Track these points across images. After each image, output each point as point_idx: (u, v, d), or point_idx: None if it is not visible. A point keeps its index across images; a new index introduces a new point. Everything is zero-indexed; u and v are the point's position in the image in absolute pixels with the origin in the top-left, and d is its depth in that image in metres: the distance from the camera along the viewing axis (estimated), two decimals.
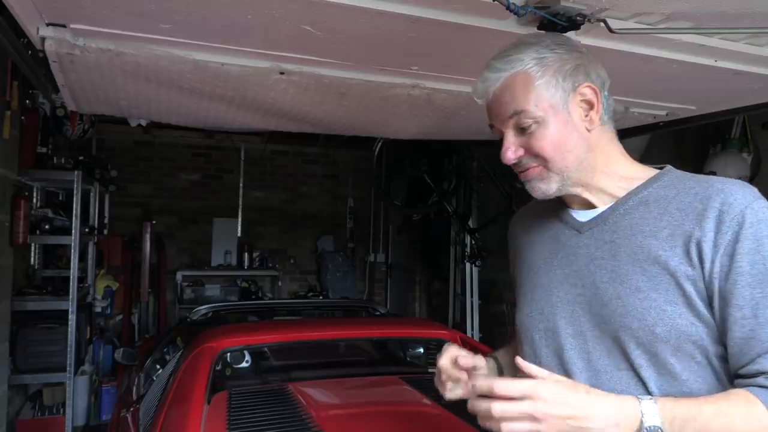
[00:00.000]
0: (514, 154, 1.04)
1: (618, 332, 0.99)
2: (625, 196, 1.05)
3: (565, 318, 1.06)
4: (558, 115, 1.01)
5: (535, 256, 1.16)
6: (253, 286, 6.13)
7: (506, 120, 1.03)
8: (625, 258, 1.00)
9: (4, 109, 2.94)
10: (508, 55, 1.03)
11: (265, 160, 6.43)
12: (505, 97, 1.02)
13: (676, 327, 0.94)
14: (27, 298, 3.61)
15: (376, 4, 1.31)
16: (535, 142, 1.02)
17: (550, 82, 1.01)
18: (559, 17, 1.30)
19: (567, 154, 1.02)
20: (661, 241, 0.97)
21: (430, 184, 5.27)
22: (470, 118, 2.45)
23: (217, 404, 2.07)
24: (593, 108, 1.04)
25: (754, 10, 1.35)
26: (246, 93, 2.09)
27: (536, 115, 1.01)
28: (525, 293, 1.16)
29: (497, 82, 1.03)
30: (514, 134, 1.04)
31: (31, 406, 3.93)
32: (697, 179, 1.01)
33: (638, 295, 0.97)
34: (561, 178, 1.04)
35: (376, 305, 4.07)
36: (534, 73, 1.01)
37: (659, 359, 0.95)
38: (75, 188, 3.65)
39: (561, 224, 1.13)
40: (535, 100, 1.00)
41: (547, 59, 1.02)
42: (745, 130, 3.08)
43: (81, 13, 1.43)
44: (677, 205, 0.98)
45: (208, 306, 3.65)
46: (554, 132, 1.01)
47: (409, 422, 2.01)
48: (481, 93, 1.06)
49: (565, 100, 1.02)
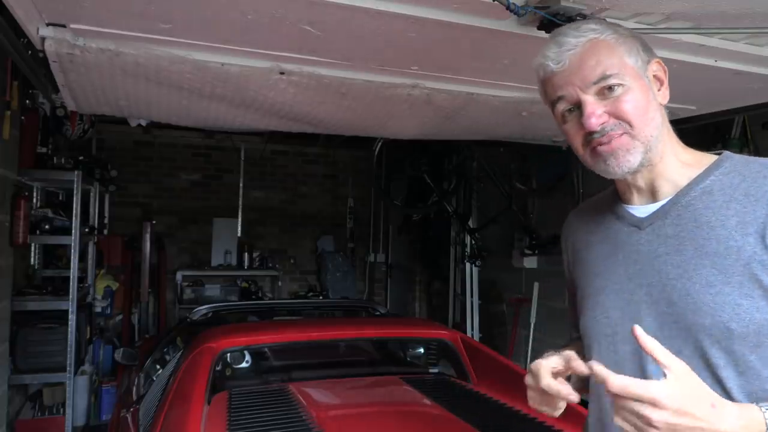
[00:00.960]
0: (598, 119, 0.97)
1: (690, 331, 0.93)
2: (686, 187, 1.00)
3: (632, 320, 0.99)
4: (641, 81, 0.99)
5: (595, 258, 1.11)
6: (253, 286, 6.13)
7: (589, 85, 0.98)
8: (691, 252, 0.95)
9: (4, 109, 2.93)
10: (579, 27, 1.01)
11: (265, 160, 6.43)
12: (590, 61, 0.97)
13: (754, 321, 0.89)
14: (27, 298, 3.61)
15: (376, 4, 1.31)
16: (621, 105, 0.97)
17: (631, 49, 1.00)
18: (559, 17, 1.30)
19: (650, 121, 0.98)
20: (730, 231, 0.92)
21: (430, 184, 5.27)
22: (470, 118, 2.45)
23: (217, 404, 2.07)
24: (663, 84, 1.03)
25: (754, 10, 1.35)
26: (246, 93, 2.09)
27: (624, 78, 0.97)
28: (588, 296, 1.10)
29: (576, 48, 0.98)
30: (596, 100, 0.98)
31: (31, 406, 3.93)
32: (762, 162, 0.97)
33: (709, 290, 0.92)
34: (645, 148, 0.98)
35: (376, 305, 4.07)
36: (614, 41, 0.99)
37: (737, 357, 0.90)
38: (75, 188, 3.65)
39: (618, 222, 1.08)
40: (621, 64, 0.98)
41: (620, 31, 1.02)
42: (745, 130, 3.07)
43: (81, 13, 1.43)
44: (744, 191, 0.93)
45: (208, 306, 3.64)
46: (639, 96, 0.98)
47: (410, 422, 2.01)
48: (556, 59, 0.99)
49: (644, 69, 1.01)
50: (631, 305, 1.01)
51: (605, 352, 1.03)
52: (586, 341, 1.10)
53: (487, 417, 1.96)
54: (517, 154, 4.44)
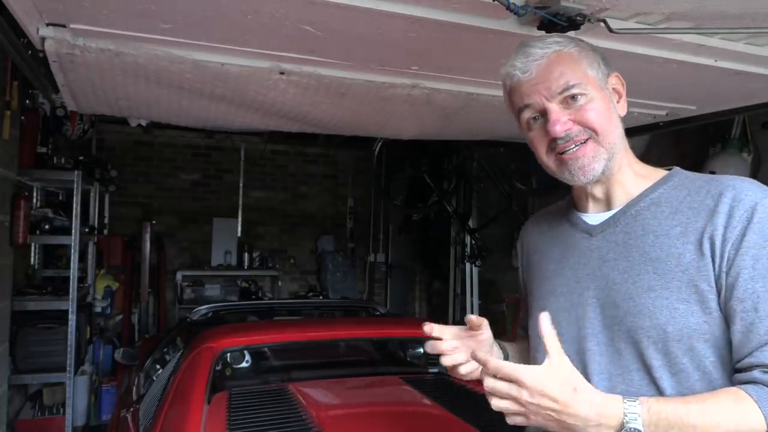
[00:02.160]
0: (563, 126, 1.01)
1: (630, 332, 0.99)
2: (637, 197, 1.06)
3: (579, 321, 1.06)
4: (603, 92, 1.05)
5: (548, 263, 1.17)
6: (253, 286, 6.13)
7: (554, 94, 1.02)
8: (637, 258, 1.01)
9: (4, 109, 2.93)
10: (544, 40, 1.05)
11: (265, 160, 6.43)
12: (554, 71, 1.02)
13: (687, 326, 0.94)
14: (27, 298, 3.61)
15: (376, 4, 1.31)
16: (585, 114, 1.01)
17: (592, 62, 1.05)
18: (559, 17, 1.30)
19: (614, 129, 1.04)
20: (672, 239, 0.98)
21: (430, 184, 5.27)
22: (470, 118, 2.45)
23: (217, 404, 2.06)
24: (622, 97, 1.08)
25: (754, 10, 1.35)
26: (246, 93, 2.09)
27: (586, 88, 1.02)
28: (537, 299, 1.16)
29: (542, 59, 1.02)
30: (561, 108, 1.02)
31: (31, 406, 3.93)
32: (706, 179, 1.02)
33: (650, 294, 0.97)
34: (608, 155, 1.03)
35: (376, 305, 4.07)
36: (576, 54, 1.04)
37: (672, 358, 0.95)
38: (75, 188, 3.65)
39: (571, 229, 1.14)
40: (584, 75, 1.03)
41: (582, 44, 1.07)
42: (745, 130, 3.07)
43: (81, 13, 1.43)
44: (689, 204, 0.99)
45: (208, 306, 3.65)
46: (602, 106, 1.03)
47: (409, 422, 2.01)
48: (523, 68, 1.03)
49: (604, 81, 1.06)
50: (577, 307, 1.07)
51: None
52: (532, 343, 1.16)
53: (487, 417, 1.96)
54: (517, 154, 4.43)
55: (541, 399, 0.85)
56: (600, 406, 0.86)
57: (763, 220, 0.92)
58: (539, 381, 0.85)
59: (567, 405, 0.85)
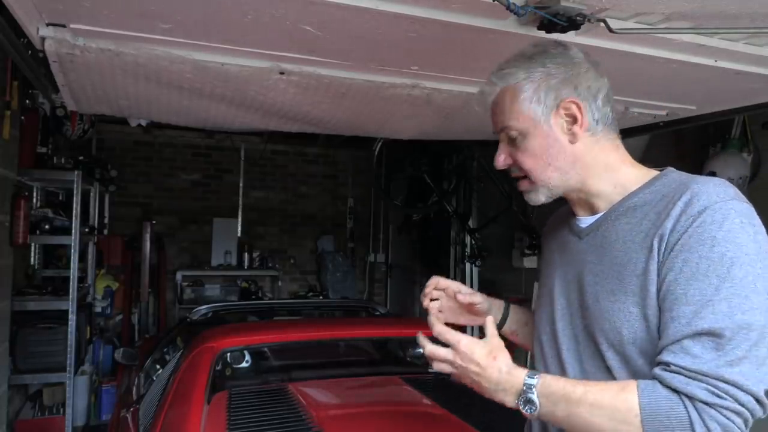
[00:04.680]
0: (503, 162, 1.14)
1: (593, 333, 1.03)
2: (618, 202, 1.07)
3: (563, 321, 1.12)
4: (538, 128, 1.07)
5: (551, 263, 1.23)
6: (253, 286, 6.13)
7: (498, 131, 1.13)
8: (607, 262, 1.04)
9: (4, 109, 2.93)
10: (503, 69, 1.10)
11: (265, 160, 6.43)
12: (497, 110, 1.12)
13: (641, 328, 0.96)
14: (27, 298, 3.61)
15: (376, 4, 1.31)
16: (518, 154, 1.10)
17: (532, 97, 1.07)
18: (559, 17, 1.30)
19: (546, 167, 1.08)
20: (636, 245, 1.00)
21: (430, 184, 5.27)
22: (470, 118, 2.45)
23: (217, 404, 2.07)
24: (577, 122, 1.06)
25: (754, 10, 1.35)
26: (246, 93, 2.09)
27: (518, 127, 1.08)
28: (539, 296, 1.24)
29: (491, 96, 1.12)
30: (505, 144, 1.13)
31: (31, 406, 3.93)
32: (683, 181, 1.01)
33: (611, 297, 1.01)
34: (546, 189, 1.10)
35: (376, 305, 4.07)
36: (520, 88, 1.07)
37: (628, 360, 0.98)
38: (75, 188, 3.65)
39: (568, 231, 1.18)
40: (518, 113, 1.08)
41: (535, 74, 1.07)
42: (745, 130, 3.07)
43: (81, 13, 1.43)
44: (657, 209, 1.00)
45: (208, 306, 3.65)
46: (534, 145, 1.08)
47: (409, 422, 2.01)
48: (481, 103, 1.14)
49: (546, 115, 1.07)
50: (565, 308, 1.13)
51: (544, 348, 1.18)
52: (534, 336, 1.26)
53: (487, 417, 1.96)
54: None
55: (469, 363, 1.01)
56: (507, 374, 0.99)
57: (706, 224, 0.91)
58: (470, 348, 1.01)
59: (484, 369, 1.00)
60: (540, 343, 1.19)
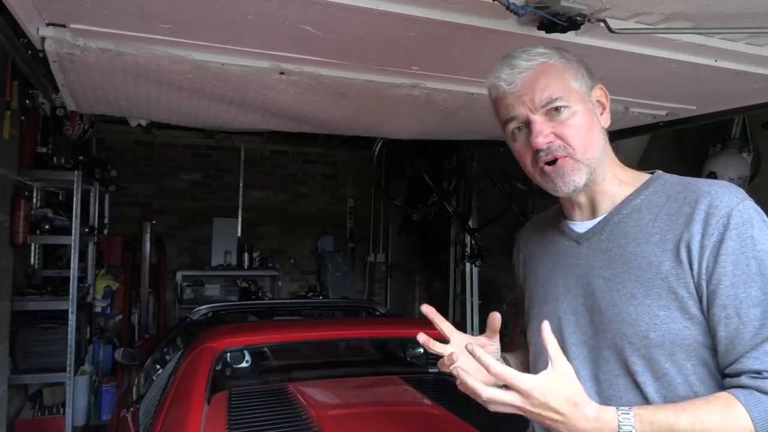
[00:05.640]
0: (545, 139, 1.03)
1: (614, 339, 1.01)
2: (619, 204, 1.07)
3: (570, 329, 1.08)
4: (586, 104, 1.06)
5: (541, 269, 1.19)
6: (253, 286, 6.13)
7: (538, 107, 1.03)
8: (620, 266, 1.02)
9: (4, 109, 2.93)
10: (530, 51, 1.06)
11: (265, 160, 6.43)
12: (539, 84, 1.03)
13: (669, 332, 0.96)
14: (27, 298, 3.61)
15: (376, 4, 1.31)
16: (565, 129, 1.03)
17: (576, 74, 1.06)
18: (559, 17, 1.30)
19: (593, 144, 1.05)
20: (652, 247, 0.99)
21: (430, 184, 5.26)
22: (470, 118, 2.45)
23: (217, 404, 2.06)
24: (605, 109, 1.09)
25: (754, 10, 1.35)
26: (246, 93, 2.09)
27: (570, 101, 1.03)
28: (533, 307, 1.19)
29: (527, 71, 1.03)
30: (544, 120, 1.03)
31: (31, 406, 3.93)
32: (685, 183, 1.03)
33: (632, 301, 0.99)
34: (588, 169, 1.04)
35: (376, 305, 4.07)
36: (562, 66, 1.05)
37: (654, 364, 0.97)
38: (75, 188, 3.65)
39: (561, 237, 1.15)
40: (567, 87, 1.04)
41: (567, 56, 1.07)
42: (745, 130, 3.07)
43: (81, 13, 1.43)
44: (668, 211, 1.00)
45: (208, 306, 3.65)
46: (584, 120, 1.04)
47: (409, 422, 2.01)
48: (508, 80, 1.04)
49: (588, 94, 1.07)
50: (569, 315, 1.09)
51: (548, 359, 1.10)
52: (532, 348, 1.19)
53: (487, 417, 1.96)
54: None
55: (546, 411, 0.89)
56: (595, 421, 0.89)
57: (739, 225, 0.93)
58: (545, 394, 0.89)
59: (567, 417, 0.89)
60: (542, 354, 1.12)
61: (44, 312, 3.65)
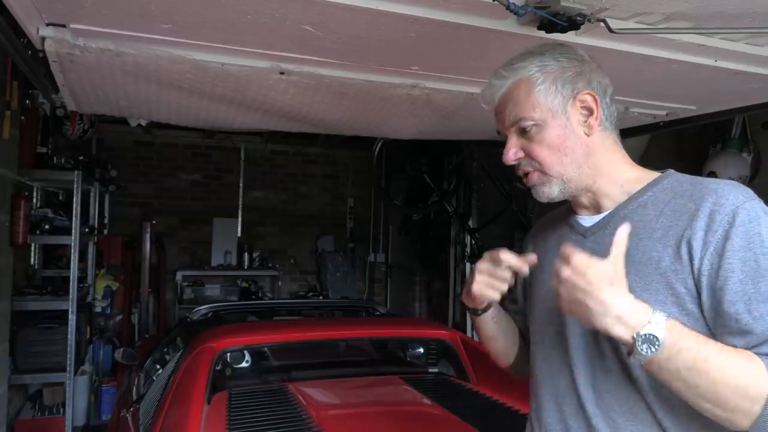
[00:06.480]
0: (514, 156, 1.09)
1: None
2: (626, 200, 1.07)
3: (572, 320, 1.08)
4: (556, 119, 1.06)
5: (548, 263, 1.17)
6: (253, 286, 6.13)
7: (507, 126, 1.10)
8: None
9: (4, 109, 2.93)
10: (512, 64, 1.09)
11: (265, 160, 6.43)
12: (507, 105, 1.09)
13: None
14: (27, 298, 3.61)
15: (376, 4, 1.31)
16: (533, 146, 1.07)
17: (549, 88, 1.06)
18: (559, 17, 1.30)
19: (563, 158, 1.07)
20: (654, 242, 1.00)
21: (430, 184, 5.27)
22: (470, 118, 2.45)
23: (217, 404, 2.07)
24: (593, 114, 1.08)
25: (754, 10, 1.35)
26: (246, 93, 2.09)
27: (535, 118, 1.06)
28: (537, 297, 1.20)
29: (502, 89, 1.09)
30: (516, 137, 1.09)
31: (31, 406, 3.93)
32: (693, 182, 1.03)
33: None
34: (560, 181, 1.08)
35: (376, 305, 4.07)
36: (535, 80, 1.06)
37: None
38: (75, 188, 3.65)
39: (569, 231, 1.16)
40: (535, 104, 1.06)
41: (548, 67, 1.07)
42: (745, 130, 3.08)
43: (81, 13, 1.43)
44: (672, 207, 1.01)
45: (208, 306, 3.65)
46: (552, 135, 1.06)
47: (409, 422, 2.01)
48: (488, 99, 1.11)
49: (563, 106, 1.07)
50: None
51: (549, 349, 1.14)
52: (533, 337, 1.21)
53: (487, 417, 1.97)
54: None
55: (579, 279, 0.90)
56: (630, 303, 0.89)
57: (746, 223, 0.93)
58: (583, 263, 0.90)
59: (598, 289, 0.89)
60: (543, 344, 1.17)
61: (44, 312, 3.65)
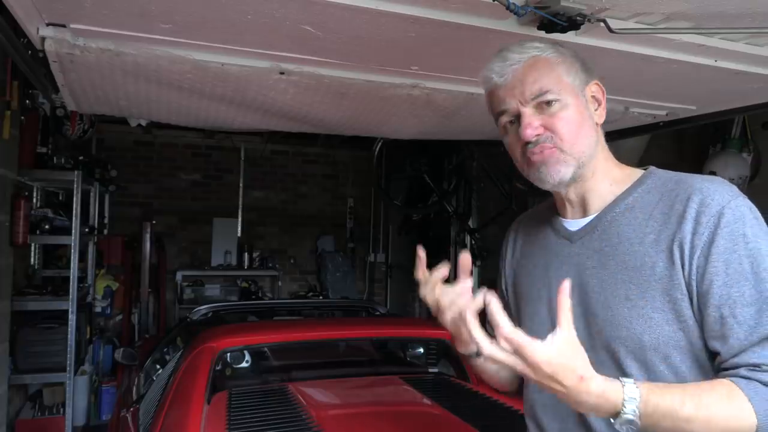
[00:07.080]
0: (534, 130, 1.02)
1: (608, 341, 0.99)
2: (612, 203, 1.06)
3: None
4: (578, 99, 1.04)
5: (534, 268, 1.17)
6: (253, 286, 6.13)
7: (528, 99, 1.03)
8: (613, 267, 1.01)
9: (4, 109, 2.93)
10: (523, 44, 1.06)
11: (265, 160, 6.43)
12: (530, 77, 1.03)
13: (663, 334, 0.95)
14: (27, 298, 3.62)
15: (376, 4, 1.31)
16: (555, 121, 1.02)
17: (569, 69, 1.05)
18: (559, 17, 1.30)
19: (583, 138, 1.04)
20: (647, 247, 0.98)
21: (430, 184, 5.27)
22: (470, 118, 2.45)
23: (217, 404, 2.07)
24: (601, 105, 1.08)
25: (754, 10, 1.35)
26: (246, 93, 2.09)
27: (560, 94, 1.02)
28: (527, 304, 1.17)
29: (519, 63, 1.03)
30: (536, 112, 1.03)
31: (31, 406, 3.93)
32: (677, 180, 1.02)
33: (627, 303, 0.98)
34: (576, 163, 1.03)
35: (376, 305, 4.07)
36: (554, 59, 1.04)
37: (649, 367, 0.96)
38: (75, 188, 3.65)
39: (554, 234, 1.14)
40: (559, 81, 1.03)
41: (562, 50, 1.06)
42: (745, 130, 3.08)
43: (81, 13, 1.43)
44: (661, 210, 0.99)
45: (208, 306, 3.65)
46: (574, 113, 1.03)
47: (409, 422, 2.01)
48: (500, 72, 1.05)
49: (581, 89, 1.06)
50: None
51: None
52: None
53: (486, 417, 1.96)
54: None
55: (549, 381, 0.85)
56: (597, 397, 0.85)
57: (730, 223, 0.92)
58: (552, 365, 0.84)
59: (572, 391, 0.85)
60: None
61: (44, 312, 3.65)
